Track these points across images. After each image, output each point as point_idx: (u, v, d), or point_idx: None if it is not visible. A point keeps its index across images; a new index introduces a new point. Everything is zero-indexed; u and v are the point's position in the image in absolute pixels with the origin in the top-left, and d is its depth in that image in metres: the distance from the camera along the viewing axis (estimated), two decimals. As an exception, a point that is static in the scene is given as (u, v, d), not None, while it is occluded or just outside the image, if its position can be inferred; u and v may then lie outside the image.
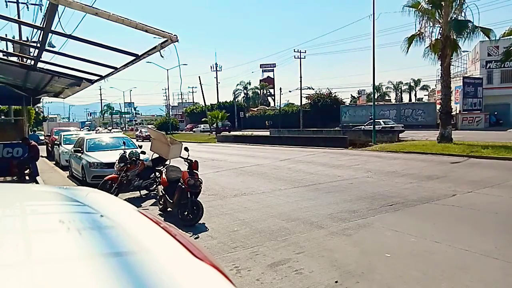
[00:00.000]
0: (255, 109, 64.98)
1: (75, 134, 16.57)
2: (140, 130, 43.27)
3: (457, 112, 34.95)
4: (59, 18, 5.83)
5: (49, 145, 20.63)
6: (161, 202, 7.18)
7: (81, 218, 1.22)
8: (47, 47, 7.31)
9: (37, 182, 10.78)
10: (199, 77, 46.34)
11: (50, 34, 6.08)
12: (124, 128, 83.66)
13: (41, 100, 16.69)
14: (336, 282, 3.74)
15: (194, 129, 56.74)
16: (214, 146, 27.13)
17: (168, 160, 8.58)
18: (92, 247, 0.93)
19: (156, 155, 8.87)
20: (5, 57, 10.30)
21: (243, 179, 10.61)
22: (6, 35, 17.66)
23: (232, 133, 40.61)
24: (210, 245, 5.00)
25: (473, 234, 5.15)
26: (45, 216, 1.27)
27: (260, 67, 78.32)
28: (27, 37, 20.95)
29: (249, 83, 78.97)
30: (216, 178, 10.93)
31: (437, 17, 18.28)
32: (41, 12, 20.00)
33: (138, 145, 9.87)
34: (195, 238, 5.36)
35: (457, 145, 16.38)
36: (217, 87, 65.65)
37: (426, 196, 7.49)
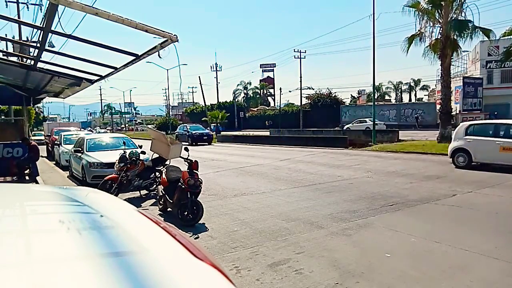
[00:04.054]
0: (255, 109, 64.97)
1: (75, 134, 16.58)
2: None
3: (457, 112, 34.96)
4: (59, 18, 5.83)
5: (49, 145, 20.62)
6: (161, 202, 7.18)
7: (81, 218, 1.22)
8: (47, 47, 7.31)
9: (37, 182, 10.78)
10: (199, 77, 46.33)
11: (50, 34, 6.08)
12: (124, 128, 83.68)
13: (41, 100, 16.68)
14: (337, 283, 3.74)
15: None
16: (214, 146, 27.12)
17: (168, 160, 8.58)
18: (92, 247, 0.93)
19: (156, 155, 8.87)
20: (5, 57, 10.31)
21: (243, 179, 10.61)
22: (6, 35, 17.66)
23: (232, 133, 40.60)
24: (210, 245, 5.00)
25: (473, 234, 5.15)
26: (45, 216, 1.27)
27: (260, 67, 78.29)
28: (27, 37, 20.96)
29: (249, 83, 79.00)
30: (216, 178, 10.93)
31: (437, 17, 18.29)
32: (41, 12, 20.01)
33: (138, 145, 9.87)
34: (195, 238, 5.36)
35: (457, 145, 16.35)
36: (217, 87, 65.72)
37: (426, 196, 7.49)
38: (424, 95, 68.41)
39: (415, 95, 75.04)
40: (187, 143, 26.26)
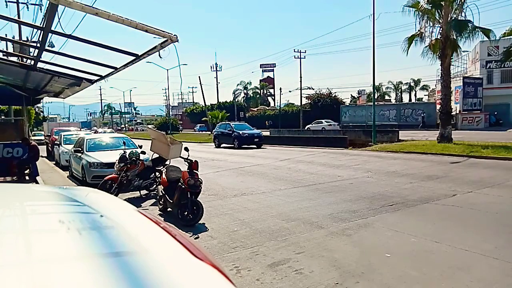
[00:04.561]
0: (255, 109, 64.99)
1: (75, 134, 16.59)
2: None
3: (457, 112, 34.95)
4: (59, 18, 5.83)
5: (49, 145, 20.63)
6: (161, 202, 7.18)
7: (81, 218, 1.22)
8: (47, 47, 7.31)
9: (37, 182, 10.79)
10: (199, 77, 46.42)
11: (50, 34, 6.08)
12: (124, 128, 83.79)
13: (41, 100, 16.71)
14: (337, 283, 3.74)
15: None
16: (214, 146, 27.12)
17: (168, 160, 8.58)
18: (92, 247, 0.93)
19: (156, 155, 8.87)
20: (5, 57, 10.31)
21: (243, 179, 10.61)
22: (6, 35, 17.67)
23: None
24: (210, 245, 5.00)
25: (473, 234, 5.15)
26: (45, 216, 1.27)
27: (260, 67, 78.32)
28: (27, 37, 20.98)
29: (250, 83, 79.06)
30: (216, 178, 10.93)
31: (437, 17, 18.27)
32: (41, 12, 20.03)
33: (138, 145, 9.87)
34: (195, 238, 5.36)
35: (457, 145, 16.37)
36: (217, 87, 65.69)
37: (426, 196, 7.49)
38: (424, 95, 68.45)
39: (415, 95, 75.08)
40: (232, 146, 23.05)
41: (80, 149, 11.12)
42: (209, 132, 43.16)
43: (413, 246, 4.73)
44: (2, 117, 21.63)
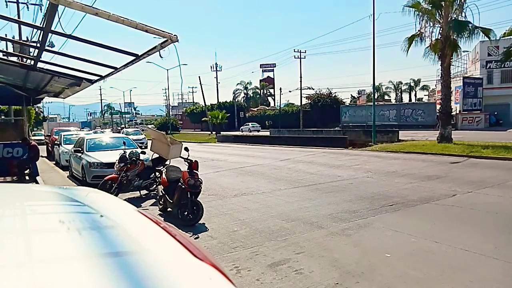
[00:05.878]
0: (255, 109, 65.00)
1: (75, 134, 16.59)
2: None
3: (457, 112, 34.95)
4: (59, 18, 5.83)
5: (49, 145, 20.63)
6: (161, 202, 7.18)
7: (81, 218, 1.22)
8: (47, 47, 7.31)
9: (37, 182, 10.78)
10: (199, 77, 46.45)
11: (50, 34, 6.08)
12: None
13: (41, 100, 16.68)
14: (337, 284, 3.74)
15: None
16: (214, 146, 27.14)
17: (168, 160, 8.58)
18: (92, 247, 0.93)
19: (156, 155, 8.88)
20: (5, 57, 10.31)
21: (243, 179, 10.61)
22: (6, 35, 17.66)
23: (232, 133, 40.59)
24: (210, 245, 5.00)
25: (473, 234, 5.15)
26: (45, 216, 1.27)
27: (260, 67, 78.30)
28: (27, 37, 20.97)
29: (250, 83, 79.07)
30: (216, 178, 10.93)
31: (437, 18, 18.27)
32: (41, 12, 20.03)
33: (138, 145, 9.87)
34: (195, 238, 5.36)
35: (457, 145, 16.37)
36: (217, 87, 65.59)
37: (426, 196, 7.49)
38: (424, 95, 68.41)
39: (415, 95, 75.02)
40: None
41: (80, 149, 11.12)
42: (209, 132, 43.20)
43: (413, 246, 4.73)
44: (2, 117, 21.62)
